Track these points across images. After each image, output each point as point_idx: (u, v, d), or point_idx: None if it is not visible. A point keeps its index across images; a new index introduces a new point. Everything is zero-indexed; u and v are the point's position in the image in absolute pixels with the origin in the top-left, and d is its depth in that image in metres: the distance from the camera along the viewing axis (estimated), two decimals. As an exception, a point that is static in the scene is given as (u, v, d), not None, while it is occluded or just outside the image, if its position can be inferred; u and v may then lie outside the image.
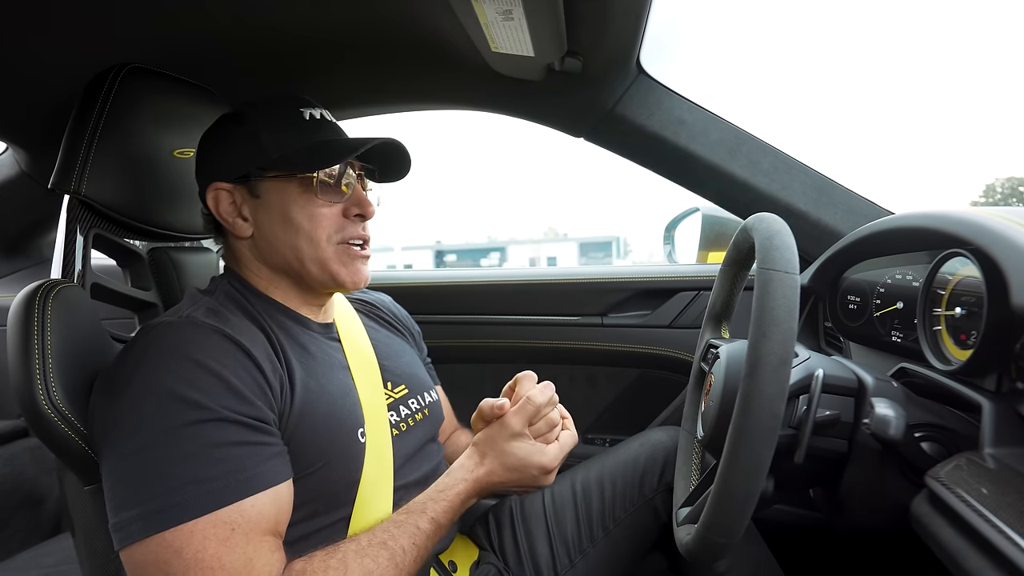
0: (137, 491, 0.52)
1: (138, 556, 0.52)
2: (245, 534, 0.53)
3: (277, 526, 0.57)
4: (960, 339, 0.62)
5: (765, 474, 0.48)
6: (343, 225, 0.69)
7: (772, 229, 0.55)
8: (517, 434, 0.70)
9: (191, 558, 0.51)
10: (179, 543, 0.51)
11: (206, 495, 0.52)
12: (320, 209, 0.68)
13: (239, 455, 0.54)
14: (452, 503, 0.68)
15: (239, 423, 0.55)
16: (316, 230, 0.68)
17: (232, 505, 0.53)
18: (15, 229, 1.38)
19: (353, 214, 0.70)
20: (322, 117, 0.71)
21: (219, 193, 0.69)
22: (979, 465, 0.48)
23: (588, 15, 0.78)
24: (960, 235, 0.59)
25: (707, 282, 1.18)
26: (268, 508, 0.55)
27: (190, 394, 0.54)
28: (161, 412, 0.54)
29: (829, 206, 1.00)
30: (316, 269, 0.69)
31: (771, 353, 0.47)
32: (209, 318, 0.61)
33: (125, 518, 0.52)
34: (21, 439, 1.39)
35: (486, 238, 54.59)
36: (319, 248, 0.68)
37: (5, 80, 0.85)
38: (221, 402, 0.55)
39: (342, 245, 0.69)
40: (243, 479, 0.54)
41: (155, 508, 0.51)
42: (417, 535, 0.63)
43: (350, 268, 0.70)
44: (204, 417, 0.54)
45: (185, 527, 0.51)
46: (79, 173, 0.73)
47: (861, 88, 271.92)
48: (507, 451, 0.70)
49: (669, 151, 1.03)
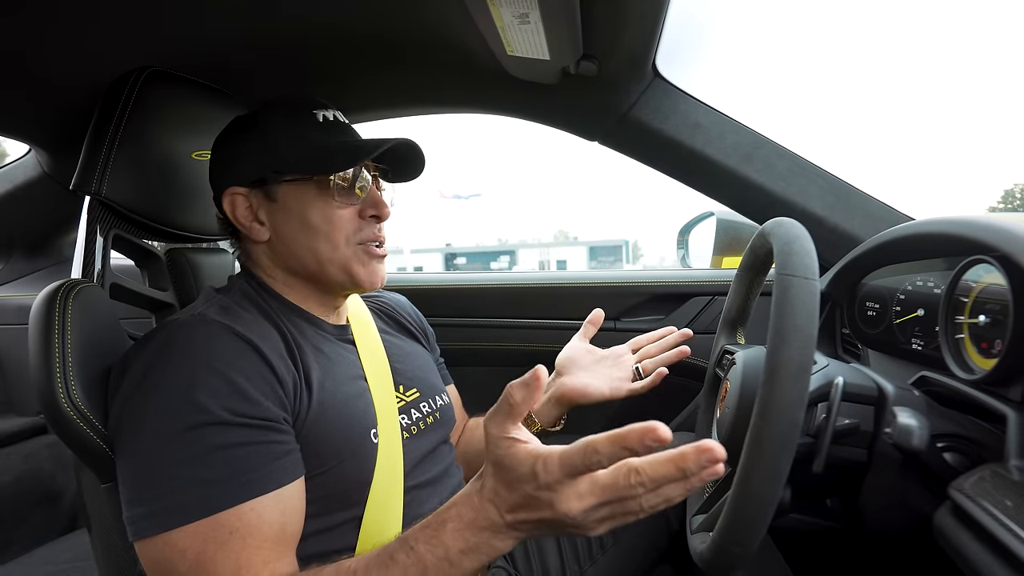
0: (146, 489, 0.53)
1: (149, 552, 0.53)
2: (243, 539, 0.53)
3: (284, 529, 0.56)
4: (983, 348, 0.61)
5: (783, 483, 0.47)
6: (360, 226, 0.70)
7: (791, 234, 0.54)
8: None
9: (193, 559, 0.51)
10: (184, 543, 0.52)
11: (208, 497, 0.52)
12: (338, 211, 0.68)
13: (243, 456, 0.55)
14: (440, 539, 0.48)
15: (244, 425, 0.55)
16: (334, 232, 0.68)
17: (231, 509, 0.53)
18: (37, 229, 1.41)
19: (369, 215, 0.70)
20: (335, 119, 0.71)
21: (235, 198, 0.69)
22: (1004, 477, 0.46)
23: (604, 18, 0.78)
24: (986, 241, 0.58)
25: (721, 287, 1.17)
26: (271, 512, 0.55)
27: (196, 397, 0.54)
28: (169, 412, 0.54)
29: (847, 211, 0.99)
30: (335, 270, 0.69)
31: (791, 360, 0.46)
32: (221, 316, 0.61)
33: (137, 513, 0.53)
34: (39, 436, 1.42)
35: (496, 241, 54.65)
36: (338, 250, 0.68)
37: (28, 83, 0.87)
38: (226, 404, 0.55)
39: (361, 246, 0.70)
40: (245, 482, 0.54)
41: (162, 507, 0.52)
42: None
43: (369, 268, 0.70)
44: (208, 420, 0.54)
45: (188, 528, 0.52)
46: (100, 175, 0.75)
47: (878, 93, 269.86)
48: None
49: (685, 155, 1.02)
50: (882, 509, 0.57)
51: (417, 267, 24.36)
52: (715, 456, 0.38)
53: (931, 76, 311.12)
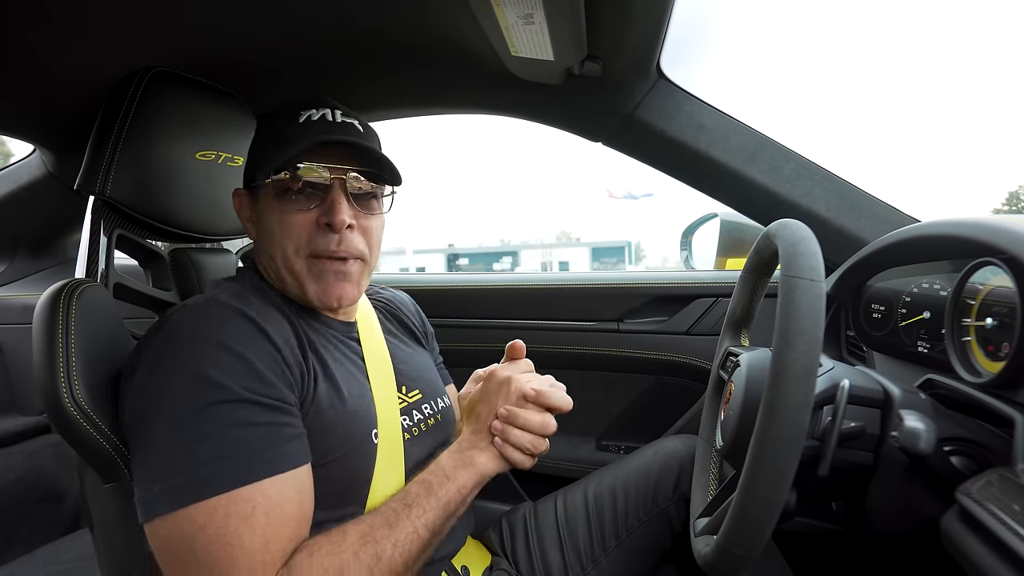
0: (162, 467, 0.53)
1: (162, 530, 0.52)
2: (266, 513, 0.53)
3: (301, 509, 0.56)
4: (990, 351, 0.60)
5: (789, 486, 0.46)
6: (312, 236, 0.65)
7: (796, 236, 0.54)
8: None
9: (213, 533, 0.51)
10: (203, 518, 0.51)
11: (229, 473, 0.52)
12: (289, 216, 0.65)
13: (260, 435, 0.55)
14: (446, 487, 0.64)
15: (260, 404, 0.56)
16: (284, 239, 0.65)
17: (253, 484, 0.53)
18: (41, 229, 1.41)
19: (323, 223, 0.65)
20: (321, 118, 0.67)
21: (239, 199, 0.73)
22: (1011, 481, 0.46)
23: (609, 19, 0.78)
24: (993, 243, 0.58)
25: (725, 288, 1.17)
26: (289, 491, 0.55)
27: (213, 375, 0.54)
28: (185, 392, 0.54)
29: (851, 212, 0.98)
30: (290, 280, 0.67)
31: (796, 363, 0.46)
32: (233, 300, 0.62)
33: (151, 492, 0.53)
34: (43, 435, 1.42)
35: (499, 241, 54.60)
36: (288, 259, 0.66)
37: (33, 84, 0.87)
38: (243, 383, 0.55)
39: (314, 259, 0.66)
40: (264, 459, 0.54)
41: (180, 483, 0.52)
42: (413, 539, 0.59)
43: (321, 285, 0.66)
44: (226, 398, 0.54)
45: (208, 503, 0.51)
46: (104, 175, 0.75)
47: (883, 95, 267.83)
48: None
49: (688, 156, 1.02)
50: (888, 513, 0.57)
51: (419, 268, 24.38)
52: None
53: (936, 77, 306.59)
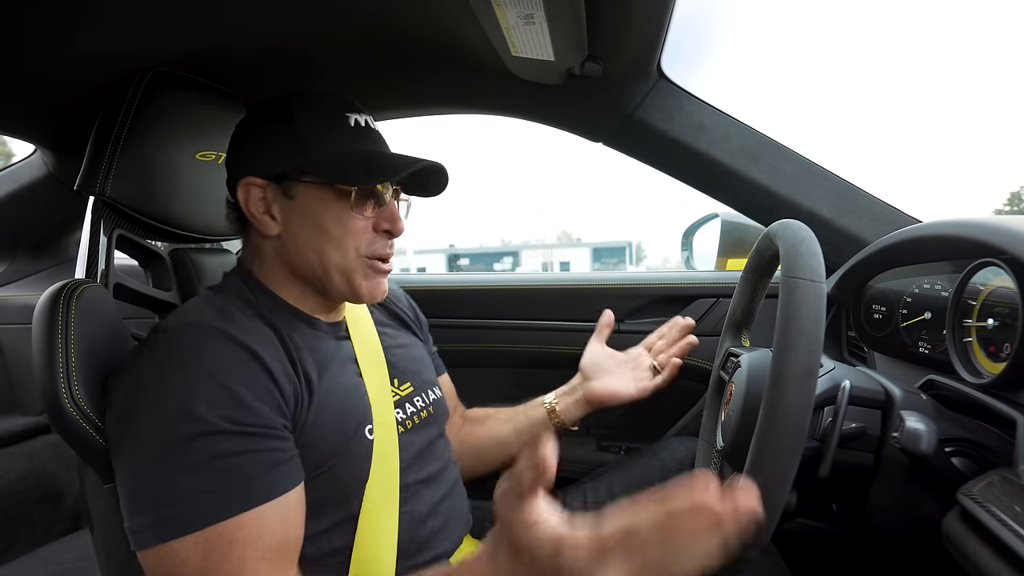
0: (147, 498, 0.53)
1: (151, 561, 0.53)
2: (244, 548, 0.52)
3: (287, 537, 0.56)
4: (991, 351, 0.60)
5: (789, 487, 0.46)
6: (373, 239, 0.68)
7: (797, 236, 0.54)
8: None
9: (195, 569, 0.51)
10: (185, 553, 0.51)
11: (208, 507, 0.52)
12: (354, 221, 0.67)
13: (243, 465, 0.54)
14: None
15: (243, 433, 0.55)
16: (346, 240, 0.67)
17: (232, 518, 0.52)
18: (41, 229, 1.41)
19: (383, 229, 0.69)
20: (367, 124, 0.70)
21: (251, 188, 0.67)
22: (1013, 483, 0.46)
23: (609, 19, 0.77)
24: (994, 244, 0.58)
25: (726, 289, 1.17)
26: (272, 521, 0.54)
27: (194, 407, 0.54)
28: (167, 424, 0.54)
29: (853, 213, 0.98)
30: (339, 278, 0.68)
31: (797, 363, 0.46)
32: (218, 321, 0.61)
33: (138, 524, 0.53)
34: (43, 435, 1.42)
35: (499, 242, 54.65)
36: (347, 258, 0.67)
37: (33, 84, 0.87)
38: (224, 413, 0.54)
39: (369, 259, 0.68)
40: (245, 491, 0.53)
41: (164, 517, 0.52)
42: None
43: (371, 282, 0.69)
44: (207, 430, 0.53)
45: (189, 538, 0.51)
46: (104, 175, 0.75)
47: (884, 95, 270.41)
48: None
49: (689, 156, 1.02)
50: (889, 514, 0.57)
51: (420, 268, 24.39)
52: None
53: (937, 78, 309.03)
